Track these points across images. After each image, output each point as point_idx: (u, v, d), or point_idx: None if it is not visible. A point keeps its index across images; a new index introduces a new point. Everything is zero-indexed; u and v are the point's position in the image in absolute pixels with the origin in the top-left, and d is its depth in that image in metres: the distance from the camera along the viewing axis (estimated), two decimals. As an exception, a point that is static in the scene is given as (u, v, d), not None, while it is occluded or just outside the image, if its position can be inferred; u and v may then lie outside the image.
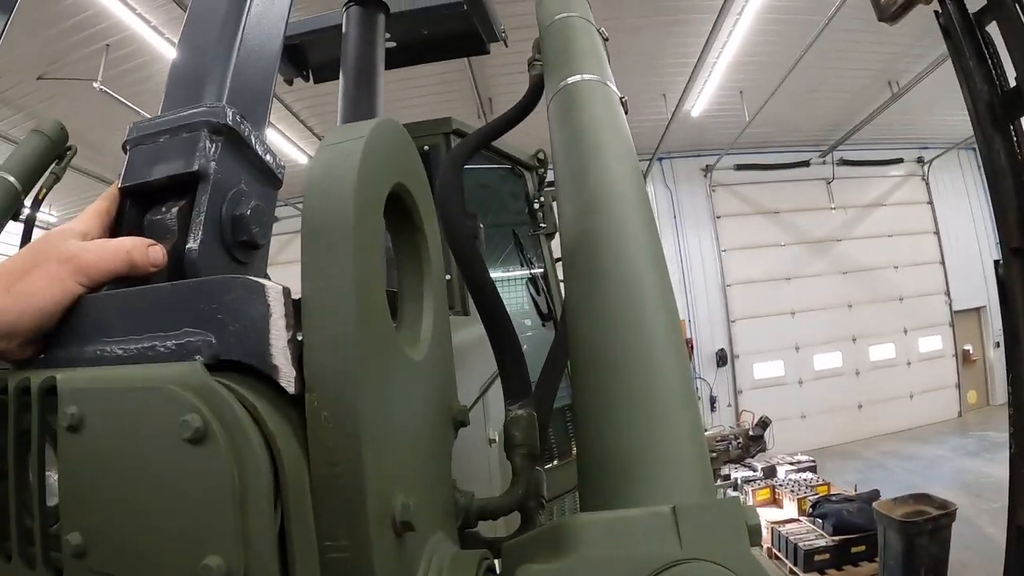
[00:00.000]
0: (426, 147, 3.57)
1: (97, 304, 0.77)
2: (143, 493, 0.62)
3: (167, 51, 9.29)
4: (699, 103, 13.12)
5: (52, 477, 0.70)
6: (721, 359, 16.02)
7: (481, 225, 3.91)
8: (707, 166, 16.33)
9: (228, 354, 0.67)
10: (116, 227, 0.91)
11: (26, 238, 3.15)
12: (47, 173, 3.06)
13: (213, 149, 0.91)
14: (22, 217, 2.94)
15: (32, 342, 0.77)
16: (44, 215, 8.41)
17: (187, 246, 0.86)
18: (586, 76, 1.19)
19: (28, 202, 2.98)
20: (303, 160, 12.66)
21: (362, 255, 0.64)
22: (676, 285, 15.84)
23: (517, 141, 3.87)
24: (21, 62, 9.09)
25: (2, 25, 1.89)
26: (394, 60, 3.34)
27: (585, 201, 0.95)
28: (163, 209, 0.89)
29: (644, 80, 12.22)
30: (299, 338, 0.64)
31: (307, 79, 3.57)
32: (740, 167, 16.40)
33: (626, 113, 1.22)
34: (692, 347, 15.88)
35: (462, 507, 0.90)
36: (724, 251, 16.42)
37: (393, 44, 3.44)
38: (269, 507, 0.58)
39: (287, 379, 0.64)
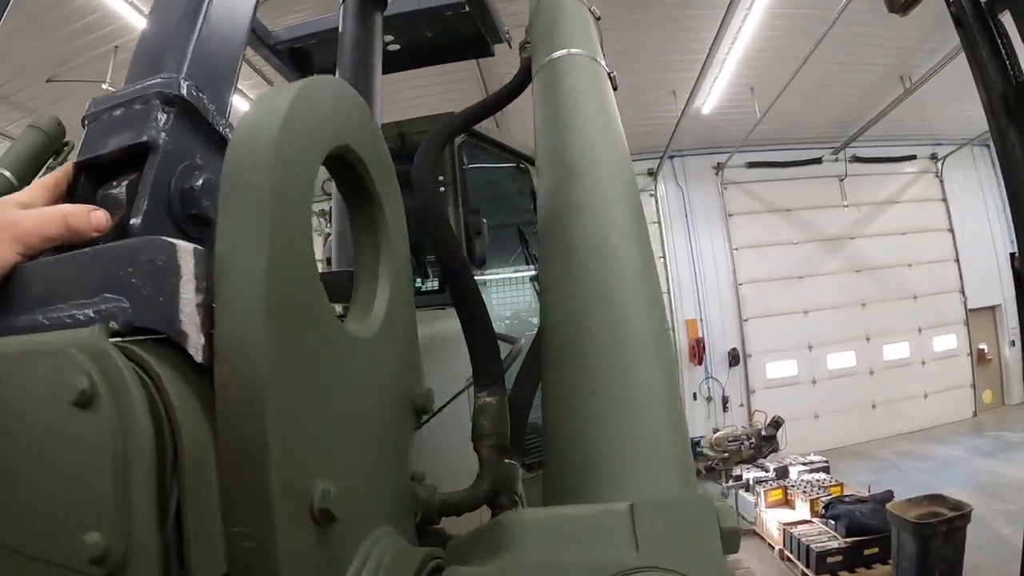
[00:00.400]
0: None
1: (29, 273, 0.74)
2: (33, 460, 0.58)
3: (175, 52, 9.28)
4: (709, 100, 13.04)
5: None
6: (733, 358, 15.91)
7: (484, 221, 3.88)
8: (718, 164, 16.22)
9: (141, 320, 0.63)
10: (69, 202, 0.88)
11: None
12: (44, 169, 3.06)
13: (164, 120, 0.87)
14: None
15: None
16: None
17: (131, 219, 0.82)
18: (572, 51, 1.15)
19: None
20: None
21: (281, 214, 0.59)
22: (687, 284, 15.83)
23: (524, 137, 3.82)
24: (30, 65, 9.16)
25: None
26: (399, 63, 3.31)
27: (561, 174, 0.91)
28: (114, 183, 0.86)
29: (654, 77, 12.15)
30: (213, 305, 0.60)
31: None
32: (752, 164, 16.28)
33: (615, 89, 1.18)
34: (704, 346, 15.84)
35: (422, 501, 0.85)
36: (736, 249, 16.30)
37: (397, 47, 3.42)
38: (151, 482, 0.54)
39: (195, 347, 0.61)
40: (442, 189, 3.52)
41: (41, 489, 0.57)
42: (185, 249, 0.63)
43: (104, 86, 9.17)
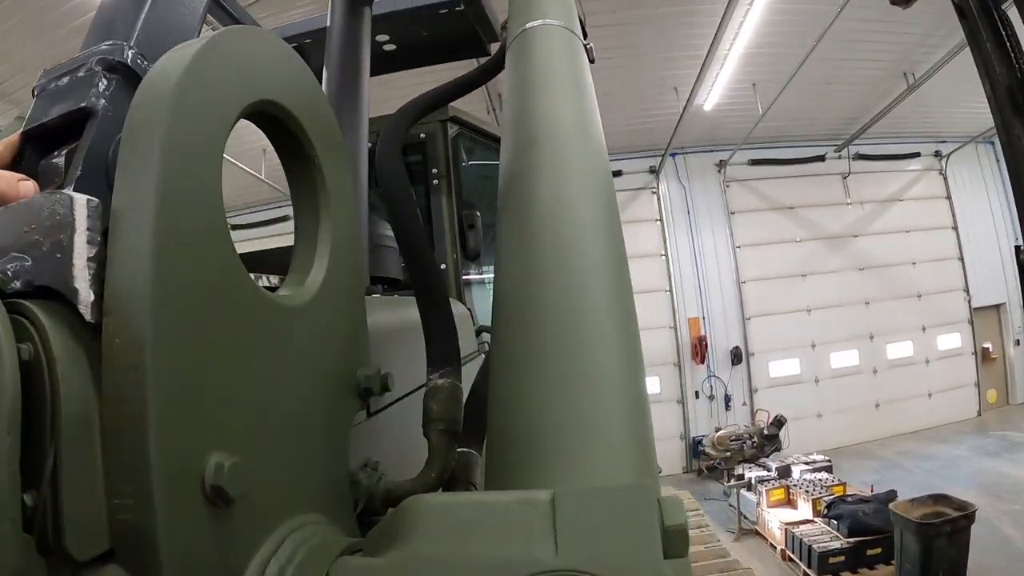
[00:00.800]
0: (422, 134, 3.52)
1: None
2: None
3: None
4: (711, 97, 12.95)
5: None
6: (736, 357, 15.85)
7: (478, 214, 3.85)
8: (721, 161, 16.15)
9: (40, 279, 0.60)
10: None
11: None
12: None
13: (105, 86, 0.84)
14: None
15: None
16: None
17: (64, 188, 0.78)
18: (547, 21, 1.11)
19: None
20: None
21: (177, 161, 0.56)
22: (690, 282, 15.82)
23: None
24: (29, 63, 9.14)
25: None
26: (395, 63, 3.26)
27: (523, 139, 0.86)
28: (55, 153, 0.84)
29: (655, 74, 12.10)
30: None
31: None
32: (754, 162, 16.22)
33: (592, 62, 1.14)
34: (707, 345, 15.79)
35: (363, 489, 0.79)
36: (738, 247, 16.23)
37: (393, 47, 3.39)
38: (14, 440, 0.48)
39: (85, 303, 0.58)
40: (435, 182, 3.48)
41: None
42: (80, 202, 0.60)
43: None
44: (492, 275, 4.64)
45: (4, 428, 0.48)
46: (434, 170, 3.50)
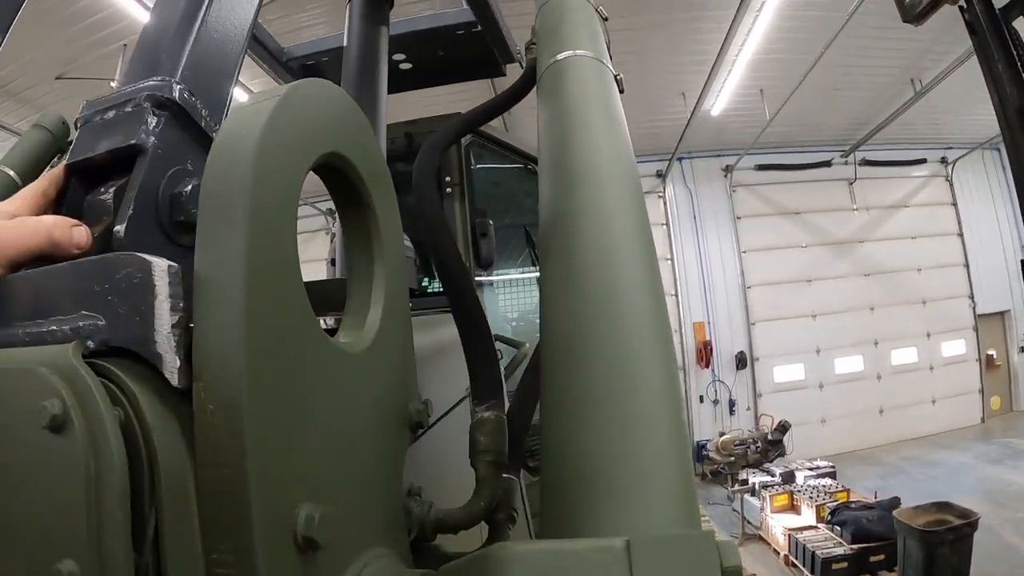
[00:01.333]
0: None
1: (10, 286, 0.72)
2: (6, 483, 0.56)
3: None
4: (719, 102, 12.98)
5: None
6: (740, 362, 15.86)
7: (491, 222, 3.86)
8: (727, 166, 16.15)
9: (117, 339, 0.61)
10: (58, 209, 0.86)
11: None
12: (48, 168, 3.04)
13: (155, 123, 0.84)
14: None
15: None
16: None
17: (115, 226, 0.79)
18: (578, 52, 1.13)
19: None
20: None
21: (261, 226, 0.57)
22: (695, 286, 15.79)
23: (531, 138, 3.80)
24: (40, 62, 9.17)
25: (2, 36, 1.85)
26: (411, 81, 3.29)
27: (564, 180, 0.88)
28: (102, 189, 0.83)
29: (663, 79, 12.10)
30: (191, 325, 0.58)
31: None
32: (761, 167, 16.21)
33: (621, 92, 1.16)
34: (712, 350, 15.79)
35: (416, 518, 0.82)
36: (744, 252, 16.22)
37: (409, 66, 3.41)
38: (126, 507, 0.51)
39: (171, 369, 0.58)
40: (448, 190, 3.50)
41: (15, 514, 0.55)
42: (160, 267, 0.61)
43: (113, 84, 9.20)
44: (500, 278, 4.65)
45: (116, 503, 0.51)
46: (447, 178, 3.52)
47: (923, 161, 16.90)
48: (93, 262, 0.66)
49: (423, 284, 3.62)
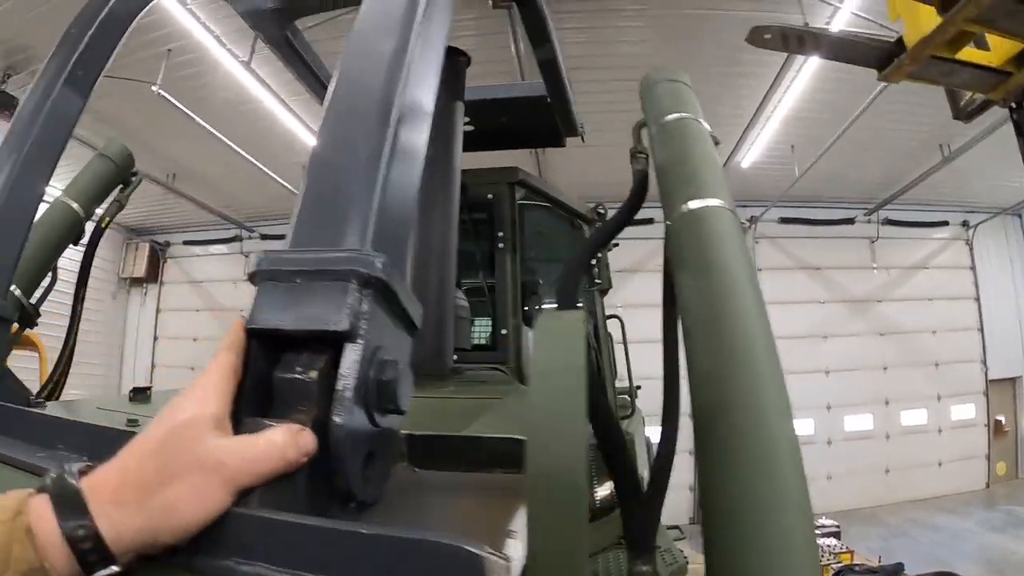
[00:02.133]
0: (490, 195, 3.59)
1: (249, 525, 0.66)
2: None
3: (228, 62, 9.52)
4: (750, 155, 13.08)
5: None
6: (751, 413, 15.76)
7: (540, 281, 3.90)
8: (752, 217, 16.21)
9: None
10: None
11: (85, 266, 3.18)
12: (110, 199, 3.06)
13: (363, 305, 0.77)
14: (83, 242, 2.95)
15: None
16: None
17: (333, 420, 0.73)
18: (710, 202, 1.10)
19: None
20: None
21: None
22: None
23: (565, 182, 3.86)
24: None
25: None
26: (471, 144, 3.41)
27: (719, 360, 0.89)
28: (298, 368, 0.75)
29: (698, 130, 12.15)
30: None
31: None
32: (785, 220, 16.29)
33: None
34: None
35: None
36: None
37: (471, 128, 3.49)
38: None
39: None
40: (500, 246, 3.55)
41: None
42: (499, 565, 0.56)
43: (154, 88, 9.48)
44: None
45: None
46: (500, 233, 3.55)
47: (945, 223, 16.92)
48: (392, 540, 0.60)
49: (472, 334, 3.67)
